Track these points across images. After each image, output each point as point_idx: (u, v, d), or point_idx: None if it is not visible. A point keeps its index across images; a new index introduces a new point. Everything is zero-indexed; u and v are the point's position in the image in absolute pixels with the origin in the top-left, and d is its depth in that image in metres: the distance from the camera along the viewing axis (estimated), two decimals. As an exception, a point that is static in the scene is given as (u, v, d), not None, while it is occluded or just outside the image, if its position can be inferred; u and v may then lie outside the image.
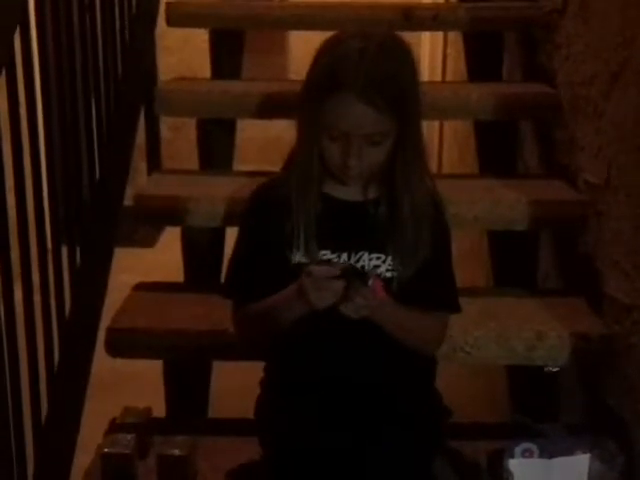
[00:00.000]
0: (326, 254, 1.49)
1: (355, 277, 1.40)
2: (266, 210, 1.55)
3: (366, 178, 1.50)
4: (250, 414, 1.64)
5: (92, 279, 2.03)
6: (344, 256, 1.50)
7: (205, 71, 2.77)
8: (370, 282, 1.40)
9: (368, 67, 1.39)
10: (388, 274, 1.50)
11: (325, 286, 1.38)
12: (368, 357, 1.51)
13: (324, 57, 1.45)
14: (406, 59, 1.45)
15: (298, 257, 1.50)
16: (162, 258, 4.03)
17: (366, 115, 1.39)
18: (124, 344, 1.89)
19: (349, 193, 1.53)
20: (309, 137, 1.46)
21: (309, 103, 1.44)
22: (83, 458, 1.83)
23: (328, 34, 1.49)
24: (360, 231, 1.52)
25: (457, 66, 3.55)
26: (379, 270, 1.50)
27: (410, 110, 1.43)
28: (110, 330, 1.89)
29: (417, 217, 1.49)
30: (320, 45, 1.47)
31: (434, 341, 1.63)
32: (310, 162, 1.47)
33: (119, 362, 1.90)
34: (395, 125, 1.42)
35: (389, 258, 1.50)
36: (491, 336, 1.85)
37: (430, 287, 1.54)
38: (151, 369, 2.07)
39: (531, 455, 1.57)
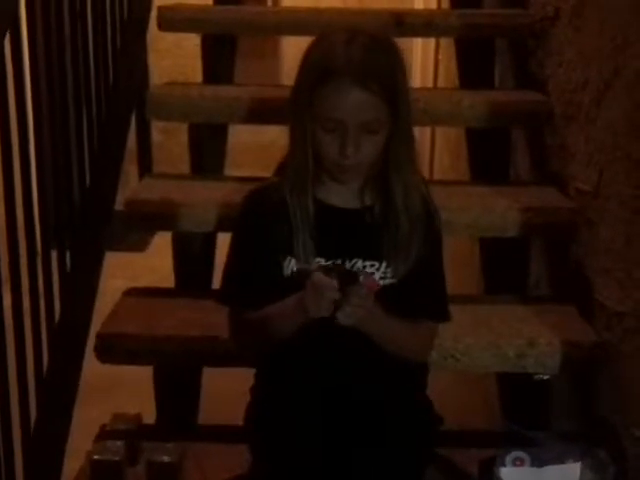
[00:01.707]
0: (320, 261, 1.49)
1: (346, 279, 1.39)
2: (259, 215, 1.54)
3: (361, 174, 1.50)
4: (240, 420, 1.64)
5: (82, 284, 2.02)
6: (338, 263, 1.49)
7: (197, 75, 2.76)
8: (361, 279, 1.38)
9: (359, 53, 1.40)
10: (381, 281, 1.50)
11: (322, 295, 1.37)
12: (360, 367, 1.50)
13: (313, 52, 1.46)
14: (394, 50, 1.47)
15: (293, 264, 1.49)
16: (153, 263, 4.03)
17: (362, 100, 1.40)
18: (114, 349, 1.88)
19: (344, 200, 1.53)
20: (303, 133, 1.45)
21: (302, 96, 1.44)
22: (72, 464, 1.82)
23: (321, 39, 1.49)
24: (354, 238, 1.51)
25: (449, 72, 3.55)
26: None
27: (402, 99, 1.44)
28: (100, 335, 1.88)
29: (411, 215, 1.49)
30: (308, 45, 1.48)
31: (423, 350, 1.63)
32: (305, 160, 1.46)
33: (109, 368, 1.89)
34: (389, 114, 1.42)
35: (383, 265, 1.50)
36: (482, 343, 1.85)
37: (421, 296, 1.54)
38: (141, 375, 2.06)
39: (522, 463, 1.56)
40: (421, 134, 4.28)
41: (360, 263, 1.49)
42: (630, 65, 1.79)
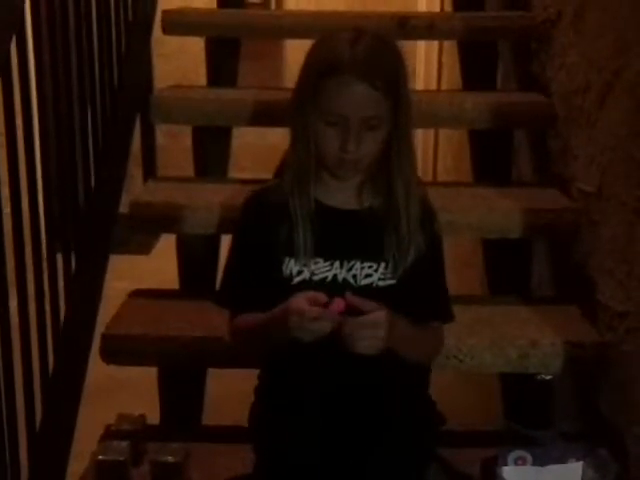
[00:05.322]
0: (319, 262, 1.50)
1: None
2: (259, 216, 1.55)
3: (360, 171, 1.50)
4: (245, 421, 1.64)
5: (87, 286, 2.03)
6: (336, 264, 1.50)
7: (201, 79, 2.78)
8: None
9: (364, 51, 1.42)
10: (380, 283, 1.51)
11: (308, 325, 1.37)
12: (361, 367, 1.50)
13: (318, 49, 1.48)
14: (397, 50, 1.49)
15: (292, 264, 1.50)
16: (157, 265, 4.03)
17: (365, 96, 1.41)
18: (119, 351, 1.89)
19: (343, 201, 1.54)
20: (305, 128, 1.46)
21: (305, 91, 1.45)
22: (77, 465, 1.83)
23: (324, 42, 1.50)
24: (353, 239, 1.52)
25: (452, 75, 3.56)
26: (371, 280, 1.50)
27: (403, 97, 1.46)
28: (105, 337, 1.89)
29: (410, 215, 1.50)
30: (313, 43, 1.49)
31: (435, 353, 1.65)
32: (306, 157, 1.47)
33: (114, 369, 1.90)
34: (390, 111, 1.44)
35: (382, 266, 1.51)
36: (485, 344, 1.85)
37: (424, 297, 1.55)
38: (146, 376, 2.06)
39: (524, 463, 1.57)
40: (424, 136, 4.28)
41: (358, 265, 1.50)
42: (631, 67, 1.79)
